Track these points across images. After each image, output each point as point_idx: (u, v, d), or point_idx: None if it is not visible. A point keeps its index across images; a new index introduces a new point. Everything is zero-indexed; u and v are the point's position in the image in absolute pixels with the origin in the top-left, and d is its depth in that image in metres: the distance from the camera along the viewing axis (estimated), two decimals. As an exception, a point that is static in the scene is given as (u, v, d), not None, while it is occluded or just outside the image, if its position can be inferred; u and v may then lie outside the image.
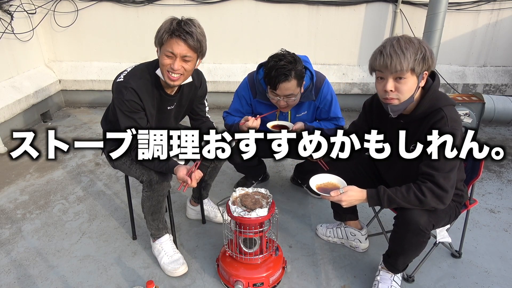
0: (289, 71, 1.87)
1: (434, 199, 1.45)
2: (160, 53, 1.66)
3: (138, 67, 1.77)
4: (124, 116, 1.71)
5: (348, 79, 4.27)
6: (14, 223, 2.33)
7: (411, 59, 1.38)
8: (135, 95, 1.68)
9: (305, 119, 2.22)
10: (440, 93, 1.52)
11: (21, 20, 3.82)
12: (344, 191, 1.51)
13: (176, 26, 1.57)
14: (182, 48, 1.61)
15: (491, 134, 3.71)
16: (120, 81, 1.70)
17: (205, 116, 2.11)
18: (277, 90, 1.93)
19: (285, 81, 1.89)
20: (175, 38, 1.59)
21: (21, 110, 3.63)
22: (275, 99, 2.00)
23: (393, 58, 1.38)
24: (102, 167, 3.02)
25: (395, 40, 1.41)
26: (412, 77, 1.43)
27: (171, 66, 1.63)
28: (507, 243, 2.16)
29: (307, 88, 2.09)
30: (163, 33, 1.59)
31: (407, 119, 1.56)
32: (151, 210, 1.87)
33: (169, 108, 1.88)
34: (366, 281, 1.88)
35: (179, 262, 1.91)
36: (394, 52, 1.38)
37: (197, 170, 1.66)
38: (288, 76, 1.88)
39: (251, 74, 2.20)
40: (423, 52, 1.40)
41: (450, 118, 1.45)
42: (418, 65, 1.40)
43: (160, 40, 1.61)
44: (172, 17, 1.61)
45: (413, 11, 4.04)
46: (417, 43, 1.41)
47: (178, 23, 1.58)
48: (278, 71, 1.87)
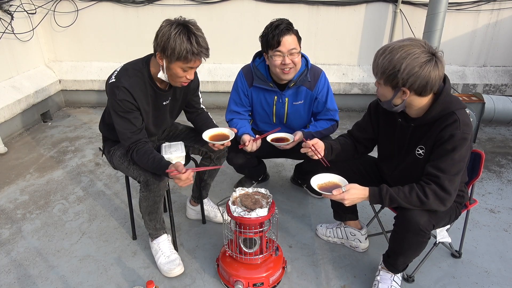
0: (288, 26, 1.96)
1: (437, 201, 1.45)
2: (172, 65, 1.63)
3: (127, 66, 1.76)
4: (118, 117, 1.70)
5: (348, 79, 4.27)
6: (14, 223, 2.33)
7: (379, 71, 1.43)
8: (127, 94, 1.67)
9: (301, 108, 2.22)
10: (452, 96, 1.50)
11: (21, 20, 3.82)
12: (346, 189, 1.51)
13: (197, 47, 1.58)
14: (200, 62, 1.67)
15: (491, 134, 3.71)
16: (112, 82, 1.70)
17: (200, 108, 2.13)
18: (281, 46, 1.95)
19: (286, 34, 1.94)
20: (198, 58, 1.62)
21: (21, 110, 3.63)
22: (279, 60, 1.99)
23: (373, 62, 1.46)
24: (102, 167, 3.03)
25: (389, 47, 1.41)
26: (384, 86, 1.47)
27: (187, 77, 1.69)
28: (507, 243, 2.16)
29: (302, 72, 2.12)
30: (185, 53, 1.57)
31: (418, 122, 1.55)
32: (148, 210, 1.88)
33: (164, 103, 1.87)
34: (366, 281, 1.88)
35: (175, 263, 1.91)
36: (375, 57, 1.45)
37: (191, 171, 1.63)
38: (289, 30, 1.95)
39: (246, 66, 2.24)
40: (394, 70, 1.37)
41: (462, 122, 1.44)
42: (386, 79, 1.43)
43: (179, 57, 1.59)
44: (178, 27, 1.57)
45: (413, 11, 4.04)
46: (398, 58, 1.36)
47: (197, 41, 1.58)
48: (278, 27, 1.94)
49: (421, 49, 1.37)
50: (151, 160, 1.68)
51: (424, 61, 1.36)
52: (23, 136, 3.63)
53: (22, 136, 3.64)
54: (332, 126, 2.23)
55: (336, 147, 1.83)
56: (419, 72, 1.36)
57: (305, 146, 1.77)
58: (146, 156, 1.70)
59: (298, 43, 2.00)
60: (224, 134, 1.93)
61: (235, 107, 2.27)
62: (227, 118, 2.31)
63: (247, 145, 2.04)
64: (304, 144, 1.79)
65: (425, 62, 1.36)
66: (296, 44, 1.99)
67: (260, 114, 2.29)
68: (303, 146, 1.79)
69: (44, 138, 3.59)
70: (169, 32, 1.57)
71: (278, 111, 2.23)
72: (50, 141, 3.51)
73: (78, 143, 3.48)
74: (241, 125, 2.21)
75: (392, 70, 1.38)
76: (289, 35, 1.95)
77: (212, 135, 1.93)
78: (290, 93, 2.16)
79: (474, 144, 3.48)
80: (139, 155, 1.71)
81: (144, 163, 1.70)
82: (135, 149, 1.72)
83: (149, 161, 1.68)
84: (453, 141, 1.43)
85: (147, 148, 1.73)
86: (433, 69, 1.37)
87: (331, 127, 2.22)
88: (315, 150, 1.75)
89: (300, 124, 2.27)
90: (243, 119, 2.28)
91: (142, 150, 1.71)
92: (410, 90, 1.42)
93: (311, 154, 1.77)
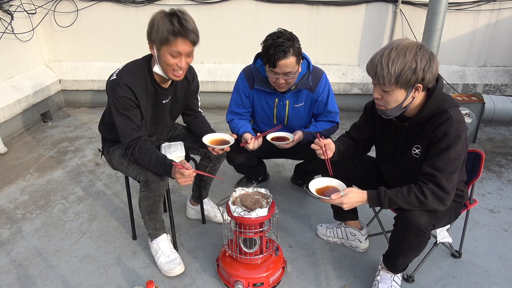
0: (287, 48, 1.86)
1: (435, 200, 1.45)
2: (160, 52, 1.62)
3: (130, 64, 1.76)
4: (118, 114, 1.70)
5: (348, 79, 4.27)
6: (14, 223, 2.33)
7: (395, 74, 1.37)
8: (128, 90, 1.67)
9: (302, 110, 2.22)
10: (445, 95, 1.51)
11: (21, 20, 3.82)
12: (345, 193, 1.51)
13: (178, 26, 1.54)
14: (187, 46, 1.61)
15: (491, 134, 3.71)
16: (113, 79, 1.70)
17: (198, 111, 2.13)
18: (277, 67, 1.90)
19: (284, 58, 1.87)
20: (180, 38, 1.57)
21: (21, 110, 3.63)
22: (274, 77, 1.98)
23: (378, 69, 1.40)
24: (102, 167, 3.02)
25: (388, 50, 1.39)
26: (397, 90, 1.43)
27: (178, 65, 1.64)
28: (507, 243, 2.16)
29: (304, 75, 2.10)
30: (166, 33, 1.55)
31: (411, 122, 1.56)
32: (147, 210, 1.87)
33: (164, 102, 1.86)
34: (366, 281, 1.88)
35: (175, 262, 1.91)
36: (380, 64, 1.39)
37: (194, 171, 1.64)
38: (287, 53, 1.86)
39: (247, 67, 2.22)
40: (413, 66, 1.36)
41: (455, 119, 1.44)
42: (404, 79, 1.38)
43: (162, 40, 1.57)
44: (164, 12, 1.57)
45: (413, 11, 4.04)
46: (411, 54, 1.37)
47: (179, 22, 1.55)
48: (277, 49, 1.85)
49: (415, 44, 1.40)
50: (154, 158, 1.68)
51: (428, 53, 1.39)
52: (23, 136, 3.63)
53: (22, 136, 3.64)
54: (333, 127, 2.23)
55: (343, 149, 1.83)
56: (432, 63, 1.39)
57: (317, 144, 1.73)
58: (148, 154, 1.69)
59: (296, 64, 1.94)
60: (224, 140, 1.94)
61: (236, 108, 2.27)
62: (228, 119, 2.31)
63: (249, 143, 2.04)
64: (316, 141, 1.73)
65: (429, 54, 1.39)
66: (294, 66, 1.92)
67: (261, 116, 2.29)
68: (315, 142, 1.73)
69: (44, 138, 3.59)
70: (155, 17, 1.58)
71: (279, 113, 2.23)
72: (50, 141, 3.51)
73: (78, 143, 3.48)
74: (242, 124, 2.21)
75: (409, 69, 1.36)
76: (287, 58, 1.87)
77: (212, 140, 1.93)
78: (291, 95, 2.16)
79: (474, 144, 3.48)
80: (141, 153, 1.70)
81: (146, 162, 1.70)
82: (136, 146, 1.71)
83: (152, 160, 1.68)
84: (447, 139, 1.43)
85: (149, 147, 1.73)
86: (436, 59, 1.42)
87: (332, 128, 2.22)
88: (325, 151, 1.72)
89: (301, 125, 2.27)
90: (243, 119, 2.28)
91: (144, 149, 1.71)
92: (424, 85, 1.43)
93: (319, 153, 1.74)
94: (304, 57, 2.07)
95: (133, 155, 1.73)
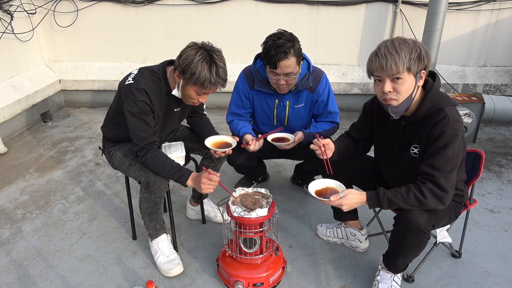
0: (288, 49, 1.86)
1: (434, 200, 1.45)
2: (187, 86, 1.69)
3: (144, 69, 1.78)
4: (134, 117, 1.71)
5: (348, 79, 4.27)
6: (14, 223, 2.33)
7: (406, 58, 1.39)
8: (146, 96, 1.70)
9: (302, 111, 2.22)
10: (441, 94, 1.52)
11: (21, 20, 3.83)
12: (344, 195, 1.51)
13: (215, 77, 1.64)
14: (214, 91, 1.74)
15: (491, 134, 3.71)
16: (130, 83, 1.71)
17: (203, 114, 2.18)
18: (277, 68, 1.91)
19: (285, 59, 1.87)
20: (214, 87, 1.69)
21: (21, 110, 3.63)
22: (275, 79, 1.98)
23: (388, 59, 1.40)
24: (102, 167, 3.03)
25: (389, 41, 1.43)
26: (409, 77, 1.43)
27: (199, 100, 1.77)
28: (507, 243, 2.16)
29: (304, 76, 2.09)
30: (203, 80, 1.62)
31: (408, 120, 1.56)
32: (148, 211, 1.88)
33: (175, 110, 1.91)
34: (366, 281, 1.88)
35: (174, 262, 1.91)
36: (389, 53, 1.40)
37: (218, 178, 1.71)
38: (288, 54, 1.86)
39: (247, 68, 2.22)
40: (417, 51, 1.41)
41: (452, 118, 1.45)
42: (414, 64, 1.41)
43: (195, 82, 1.64)
44: (202, 53, 1.62)
45: (413, 11, 4.04)
46: (411, 43, 1.42)
47: (216, 72, 1.64)
48: (278, 49, 1.86)
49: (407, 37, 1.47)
50: (168, 165, 1.73)
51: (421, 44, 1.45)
52: (23, 136, 3.63)
53: (22, 136, 3.64)
54: (333, 128, 2.23)
55: (342, 148, 1.83)
56: (427, 51, 1.45)
57: (316, 144, 1.73)
58: (162, 160, 1.73)
59: (297, 64, 1.94)
60: (226, 142, 1.95)
61: (236, 109, 2.27)
62: (228, 120, 2.31)
63: (250, 144, 2.04)
64: (315, 141, 1.74)
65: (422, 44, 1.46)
66: (294, 66, 1.93)
67: (261, 116, 2.29)
68: (314, 143, 1.74)
69: (44, 138, 3.59)
70: (193, 56, 1.61)
71: (279, 114, 2.23)
72: (50, 141, 3.51)
73: (78, 143, 3.48)
74: (243, 125, 2.21)
75: (415, 54, 1.40)
76: (288, 59, 1.88)
77: (215, 142, 1.95)
78: (291, 96, 2.16)
79: (474, 144, 3.48)
80: (155, 158, 1.73)
81: (160, 168, 1.73)
82: (150, 150, 1.74)
83: (166, 166, 1.72)
84: (444, 138, 1.44)
85: (162, 153, 1.77)
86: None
87: (332, 128, 2.22)
88: (324, 151, 1.73)
89: (301, 126, 2.27)
90: (244, 120, 2.28)
91: (157, 155, 1.74)
92: (426, 72, 1.49)
93: (319, 153, 1.74)
94: (304, 57, 2.07)
95: (144, 158, 1.74)
